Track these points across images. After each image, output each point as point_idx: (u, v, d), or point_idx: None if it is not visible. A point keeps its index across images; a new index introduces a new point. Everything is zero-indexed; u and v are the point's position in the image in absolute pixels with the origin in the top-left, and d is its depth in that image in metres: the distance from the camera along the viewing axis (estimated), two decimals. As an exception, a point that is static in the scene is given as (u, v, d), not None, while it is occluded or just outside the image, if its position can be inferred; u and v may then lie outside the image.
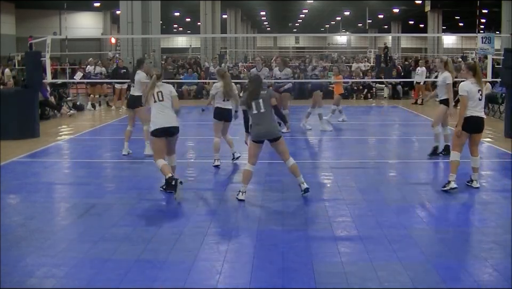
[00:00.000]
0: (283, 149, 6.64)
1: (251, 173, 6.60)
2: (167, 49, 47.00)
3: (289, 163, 6.65)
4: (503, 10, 27.40)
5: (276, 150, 6.69)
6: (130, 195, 6.89)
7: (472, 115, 6.83)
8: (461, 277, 4.37)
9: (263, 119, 6.55)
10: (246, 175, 6.60)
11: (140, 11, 22.18)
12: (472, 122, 6.84)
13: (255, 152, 6.62)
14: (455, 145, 6.97)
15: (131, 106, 9.43)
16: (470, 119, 6.83)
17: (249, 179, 6.62)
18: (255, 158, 6.63)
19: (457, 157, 6.90)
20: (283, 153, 6.65)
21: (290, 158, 6.66)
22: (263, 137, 6.57)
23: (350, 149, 10.65)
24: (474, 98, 6.84)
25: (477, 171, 7.11)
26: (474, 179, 7.08)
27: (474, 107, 6.85)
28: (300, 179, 6.69)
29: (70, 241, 5.24)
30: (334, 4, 43.84)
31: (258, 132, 6.55)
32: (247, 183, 6.61)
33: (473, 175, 7.09)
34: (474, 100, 6.84)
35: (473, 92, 6.83)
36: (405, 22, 54.20)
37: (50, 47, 14.42)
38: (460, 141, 6.94)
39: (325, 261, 4.75)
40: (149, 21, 22.37)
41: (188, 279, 4.32)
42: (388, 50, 30.48)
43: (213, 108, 8.69)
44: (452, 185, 6.84)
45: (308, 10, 47.57)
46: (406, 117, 15.84)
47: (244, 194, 6.53)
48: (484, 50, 13.58)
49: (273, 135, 6.55)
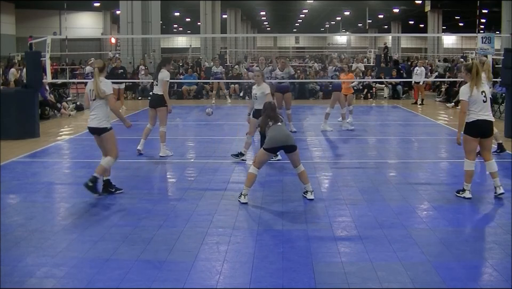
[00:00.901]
0: (296, 158, 6.64)
1: (255, 176, 6.58)
2: (167, 49, 46.94)
3: (299, 169, 6.65)
4: (503, 10, 27.40)
5: (290, 159, 6.69)
6: (130, 195, 6.89)
7: (479, 119, 6.49)
8: (461, 277, 4.38)
9: (281, 129, 6.61)
10: (250, 178, 6.55)
11: (140, 11, 22.20)
12: (478, 126, 6.52)
13: (263, 159, 6.64)
14: (467, 153, 6.61)
15: (153, 106, 9.33)
16: (476, 124, 6.50)
17: (253, 182, 6.59)
18: (261, 164, 6.64)
19: (471, 166, 6.62)
20: (295, 161, 6.66)
21: (300, 165, 6.65)
22: (281, 143, 6.50)
23: (350, 149, 10.65)
24: (478, 101, 6.49)
25: (496, 176, 6.70)
26: (496, 186, 6.68)
27: (479, 111, 6.49)
28: (308, 186, 6.67)
29: (70, 241, 5.24)
30: (334, 4, 43.84)
31: (275, 137, 6.50)
32: (250, 186, 6.57)
33: (495, 181, 6.71)
34: (478, 103, 6.49)
35: (475, 95, 6.48)
36: (405, 22, 54.19)
37: (50, 47, 14.42)
38: (470, 148, 6.61)
39: (325, 260, 4.75)
40: (149, 21, 22.38)
41: (188, 279, 4.32)
42: (388, 50, 30.50)
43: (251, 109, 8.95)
44: (466, 195, 6.63)
45: (307, 10, 47.58)
46: (406, 117, 15.84)
47: (246, 197, 6.51)
48: (483, 50, 13.57)
49: (290, 142, 6.51)
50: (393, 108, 18.13)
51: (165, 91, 9.20)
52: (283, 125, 6.73)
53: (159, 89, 9.21)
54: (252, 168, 6.59)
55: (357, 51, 51.12)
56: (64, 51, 29.06)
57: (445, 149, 10.71)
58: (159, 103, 9.18)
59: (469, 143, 6.61)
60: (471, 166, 6.64)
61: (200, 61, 29.59)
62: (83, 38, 40.66)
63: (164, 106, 9.20)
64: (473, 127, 6.53)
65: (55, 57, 29.93)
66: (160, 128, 9.24)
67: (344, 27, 60.51)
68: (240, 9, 45.56)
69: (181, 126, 14.03)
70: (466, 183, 6.67)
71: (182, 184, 7.68)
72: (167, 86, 9.34)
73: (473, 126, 6.53)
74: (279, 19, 57.62)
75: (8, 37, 36.66)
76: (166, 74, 9.23)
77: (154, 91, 9.34)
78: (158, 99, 9.20)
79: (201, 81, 21.49)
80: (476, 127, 6.53)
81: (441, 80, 21.24)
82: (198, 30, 38.55)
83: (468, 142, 6.63)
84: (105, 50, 38.62)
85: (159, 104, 9.18)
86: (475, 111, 6.51)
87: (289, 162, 6.81)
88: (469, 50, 34.02)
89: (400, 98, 20.31)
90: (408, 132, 12.95)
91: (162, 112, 9.21)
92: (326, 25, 60.64)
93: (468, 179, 6.66)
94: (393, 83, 20.77)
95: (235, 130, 12.51)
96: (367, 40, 61.16)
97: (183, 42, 54.04)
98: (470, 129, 6.56)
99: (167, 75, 9.23)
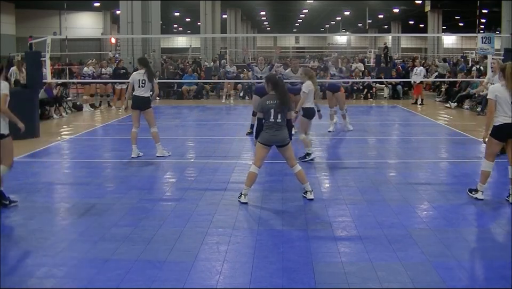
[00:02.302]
0: (290, 154, 6.54)
1: (256, 175, 6.53)
2: (167, 49, 46.99)
3: (295, 169, 6.56)
4: (503, 10, 27.40)
5: (283, 155, 6.62)
6: (130, 195, 6.89)
7: (506, 123, 6.19)
8: (461, 277, 4.37)
9: (277, 127, 6.46)
10: (250, 177, 6.50)
11: (140, 11, 22.20)
12: (505, 130, 6.22)
13: (262, 155, 6.54)
14: (488, 154, 6.45)
15: (138, 108, 9.19)
16: (503, 127, 6.21)
17: (253, 182, 6.55)
18: (261, 161, 6.56)
19: (489, 167, 6.46)
20: (289, 159, 6.55)
21: (297, 164, 6.57)
22: (273, 142, 6.48)
23: (350, 148, 10.65)
24: (506, 103, 6.16)
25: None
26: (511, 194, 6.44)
27: (506, 113, 6.18)
28: (306, 186, 6.60)
29: (70, 241, 5.23)
30: (334, 4, 43.88)
31: (269, 137, 6.46)
32: (250, 186, 6.53)
33: (511, 188, 6.44)
34: (506, 105, 6.17)
35: (503, 96, 6.16)
36: (405, 22, 54.22)
37: (50, 47, 14.43)
38: (492, 150, 6.43)
39: (325, 260, 4.75)
40: (149, 21, 22.38)
41: (188, 279, 4.32)
42: (388, 50, 30.50)
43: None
44: (478, 196, 6.52)
45: (307, 10, 47.60)
46: (406, 116, 15.85)
47: (246, 196, 6.48)
48: (483, 50, 13.59)
49: (283, 142, 6.47)
50: (393, 108, 18.13)
51: (157, 92, 9.30)
52: (282, 120, 6.55)
53: (146, 91, 9.08)
54: (253, 167, 6.54)
55: (357, 51, 51.14)
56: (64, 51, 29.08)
57: (445, 149, 10.72)
58: (146, 105, 9.10)
59: (493, 146, 6.43)
60: (489, 167, 6.49)
61: (200, 61, 29.60)
62: (83, 38, 40.70)
63: (149, 107, 9.17)
64: (500, 131, 6.28)
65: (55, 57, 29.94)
66: (152, 129, 9.18)
67: (344, 27, 60.53)
68: (240, 9, 45.60)
69: (181, 126, 14.03)
70: (481, 183, 6.54)
71: (182, 184, 7.68)
72: None
73: (499, 129, 6.28)
74: (279, 19, 57.65)
75: (8, 37, 36.69)
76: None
77: (140, 93, 9.06)
78: (146, 101, 9.10)
79: (201, 81, 21.50)
80: (503, 130, 6.26)
81: (441, 80, 21.25)
82: (198, 30, 38.58)
83: (492, 144, 6.42)
84: (105, 50, 38.65)
85: (146, 106, 9.09)
86: (502, 113, 6.22)
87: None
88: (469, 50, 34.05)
89: (400, 98, 20.31)
90: (408, 132, 12.95)
91: (149, 114, 9.14)
92: (326, 25, 60.66)
93: (483, 180, 6.53)
94: (393, 83, 20.77)
95: (235, 130, 12.51)
96: (367, 40, 61.23)
97: (183, 42, 54.08)
98: (497, 132, 6.31)
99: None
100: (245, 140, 11.28)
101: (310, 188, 6.62)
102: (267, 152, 6.61)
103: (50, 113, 15.18)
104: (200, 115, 16.47)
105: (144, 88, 9.05)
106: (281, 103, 6.45)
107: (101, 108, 17.96)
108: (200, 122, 14.75)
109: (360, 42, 64.66)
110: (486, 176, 6.53)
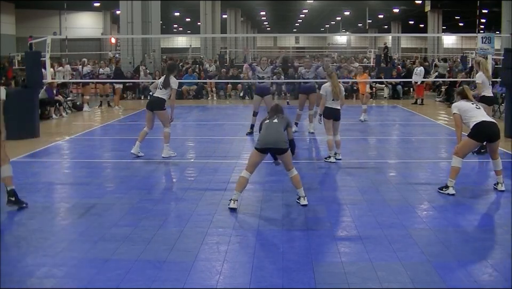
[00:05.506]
0: (287, 160, 6.39)
1: (247, 180, 6.36)
2: (167, 49, 46.99)
3: (291, 174, 6.42)
4: (503, 10, 27.41)
5: (281, 160, 6.50)
6: (130, 195, 6.89)
7: (483, 120, 6.75)
8: (461, 277, 4.37)
9: (273, 128, 6.36)
10: (241, 182, 6.32)
11: (139, 11, 22.21)
12: (482, 129, 6.72)
13: (255, 161, 6.37)
14: (461, 153, 6.86)
15: (151, 108, 9.21)
16: (479, 126, 6.71)
17: (244, 187, 6.38)
18: (253, 167, 6.39)
19: (459, 163, 6.83)
20: (286, 164, 6.43)
21: (293, 169, 6.42)
22: (269, 145, 6.26)
23: (350, 148, 10.64)
24: (470, 109, 6.86)
25: (500, 174, 7.01)
26: (499, 182, 7.02)
27: (476, 116, 6.79)
28: (300, 192, 6.43)
29: (70, 241, 5.23)
30: (334, 4, 43.87)
31: (264, 138, 6.29)
32: (240, 191, 6.34)
33: (498, 178, 7.04)
34: (472, 110, 6.85)
35: (465, 106, 6.88)
36: (405, 22, 54.20)
37: (50, 47, 14.43)
38: (468, 150, 6.95)
39: (325, 260, 4.75)
40: (149, 21, 22.40)
41: (188, 279, 4.32)
42: (388, 50, 30.48)
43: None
44: (450, 191, 6.79)
45: (307, 10, 47.59)
46: (406, 116, 15.85)
47: (235, 202, 6.26)
48: (483, 50, 13.57)
49: (280, 145, 6.27)
50: (393, 108, 18.13)
51: (173, 99, 9.23)
52: (279, 123, 6.42)
53: (163, 93, 9.09)
54: (244, 172, 6.36)
55: (357, 52, 51.13)
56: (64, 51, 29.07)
57: (445, 149, 10.70)
58: (159, 106, 9.10)
59: (471, 146, 6.94)
60: (458, 163, 6.84)
61: (201, 60, 29.57)
62: (83, 38, 40.73)
63: (163, 109, 9.16)
64: (477, 130, 6.73)
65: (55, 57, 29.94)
66: (165, 128, 9.18)
67: (344, 27, 60.52)
68: (240, 9, 45.57)
69: (181, 126, 14.02)
70: (452, 179, 6.83)
71: (182, 184, 7.68)
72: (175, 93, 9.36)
73: (476, 128, 6.73)
74: (279, 19, 57.63)
75: (8, 37, 36.67)
76: (175, 81, 9.23)
77: (157, 94, 9.17)
78: (160, 102, 9.09)
79: (201, 81, 21.49)
80: (479, 129, 6.73)
81: (441, 80, 21.25)
82: (198, 30, 38.57)
83: (470, 144, 6.89)
84: (105, 50, 38.66)
85: (159, 108, 9.09)
86: (473, 116, 6.81)
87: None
88: (469, 50, 34.04)
89: (400, 98, 20.31)
90: (408, 132, 12.94)
91: (163, 114, 9.14)
92: (326, 25, 60.64)
93: (452, 175, 6.84)
94: (393, 83, 20.77)
95: (235, 130, 12.51)
96: (367, 40, 61.17)
97: (183, 42, 54.05)
98: (474, 132, 6.76)
99: (176, 82, 9.25)
100: (245, 140, 11.28)
101: (303, 194, 6.42)
102: (261, 159, 6.43)
103: (50, 113, 15.20)
104: (200, 115, 16.48)
105: (161, 90, 9.14)
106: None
107: (101, 108, 17.97)
108: (200, 122, 14.75)
109: (360, 42, 64.63)
110: (456, 171, 6.82)
